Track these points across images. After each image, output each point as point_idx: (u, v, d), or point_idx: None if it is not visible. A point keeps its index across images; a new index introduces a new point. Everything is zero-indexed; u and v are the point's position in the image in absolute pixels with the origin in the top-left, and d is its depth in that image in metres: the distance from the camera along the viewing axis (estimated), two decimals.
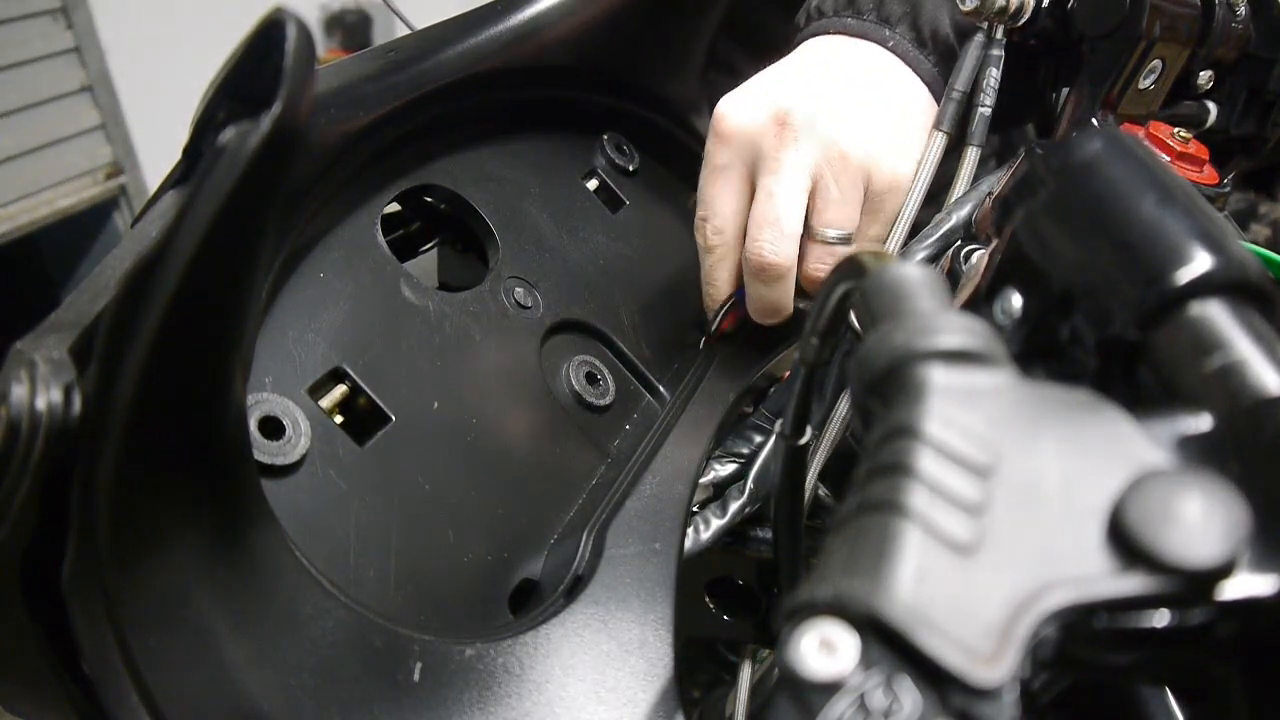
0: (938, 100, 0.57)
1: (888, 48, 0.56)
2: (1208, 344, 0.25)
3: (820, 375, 0.51)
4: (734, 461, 0.53)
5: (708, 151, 0.56)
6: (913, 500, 0.20)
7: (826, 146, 0.52)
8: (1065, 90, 0.61)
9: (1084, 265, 0.28)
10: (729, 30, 0.71)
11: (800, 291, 0.57)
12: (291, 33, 0.26)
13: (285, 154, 0.26)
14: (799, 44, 0.59)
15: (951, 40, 0.57)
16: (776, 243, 0.53)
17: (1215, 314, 0.26)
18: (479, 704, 0.37)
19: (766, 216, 0.53)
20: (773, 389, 0.59)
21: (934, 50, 0.57)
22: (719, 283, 0.58)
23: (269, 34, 0.26)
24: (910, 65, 0.57)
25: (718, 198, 0.56)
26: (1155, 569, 0.20)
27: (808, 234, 0.55)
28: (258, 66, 0.27)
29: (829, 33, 0.58)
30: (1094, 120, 0.58)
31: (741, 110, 0.54)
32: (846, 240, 0.54)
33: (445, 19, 0.54)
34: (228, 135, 0.26)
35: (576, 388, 0.53)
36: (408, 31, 0.54)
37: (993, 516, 0.20)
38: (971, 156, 0.56)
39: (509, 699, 0.37)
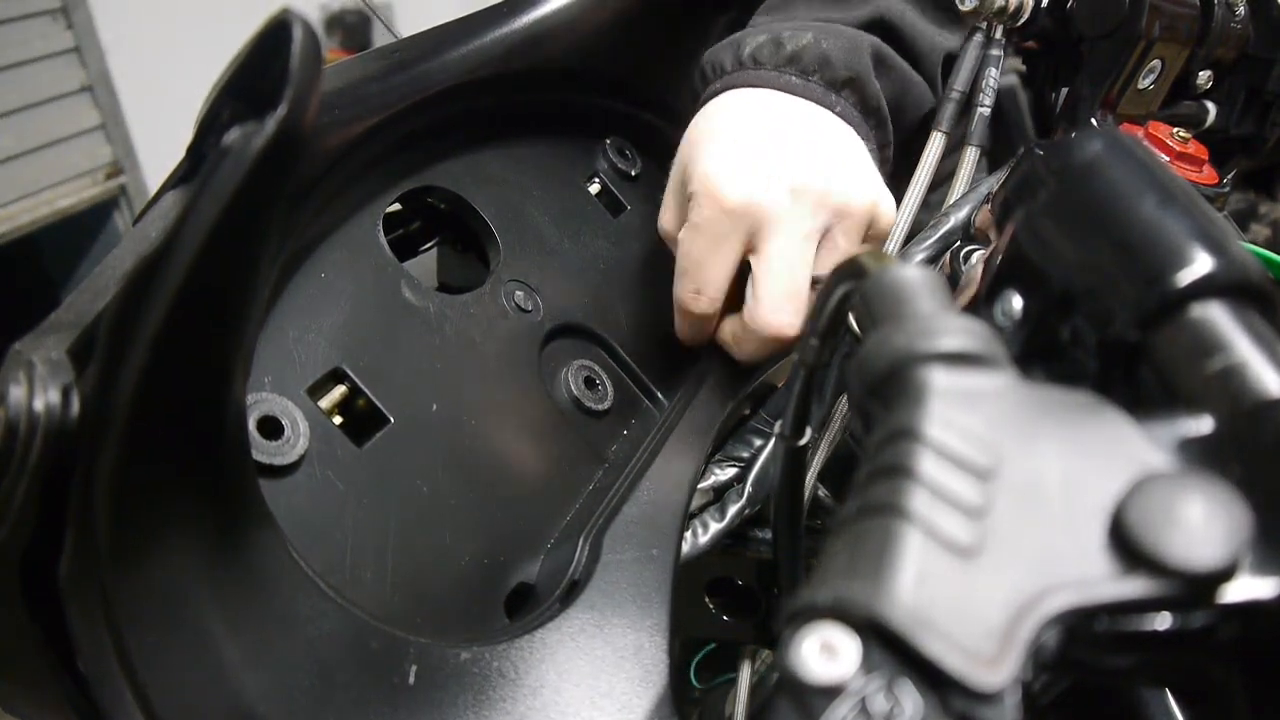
0: (874, 161, 0.57)
1: (835, 112, 0.56)
2: (1209, 346, 0.25)
3: (820, 377, 0.51)
4: (733, 465, 0.53)
5: (706, 219, 0.53)
6: (913, 503, 0.20)
7: (834, 209, 0.52)
8: (1065, 90, 0.61)
9: (1084, 266, 0.28)
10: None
11: None
12: (298, 34, 0.26)
13: (290, 156, 0.26)
14: (730, 88, 0.57)
15: (885, 111, 0.58)
16: (798, 315, 0.53)
17: (1216, 315, 0.26)
18: (474, 707, 0.37)
19: (788, 290, 0.52)
20: (771, 395, 0.59)
21: (873, 115, 0.58)
22: (692, 339, 0.58)
23: (275, 35, 0.26)
24: (854, 128, 0.56)
25: (714, 268, 0.54)
26: (1157, 572, 0.20)
27: (812, 284, 0.55)
28: (263, 67, 0.26)
29: (772, 87, 0.56)
30: (1094, 120, 0.58)
31: (745, 182, 0.52)
32: None
33: (449, 20, 0.54)
34: (232, 136, 0.26)
35: (575, 392, 0.53)
36: (397, 35, 0.54)
37: (994, 519, 0.20)
38: (971, 157, 0.56)
39: (504, 703, 0.37)
